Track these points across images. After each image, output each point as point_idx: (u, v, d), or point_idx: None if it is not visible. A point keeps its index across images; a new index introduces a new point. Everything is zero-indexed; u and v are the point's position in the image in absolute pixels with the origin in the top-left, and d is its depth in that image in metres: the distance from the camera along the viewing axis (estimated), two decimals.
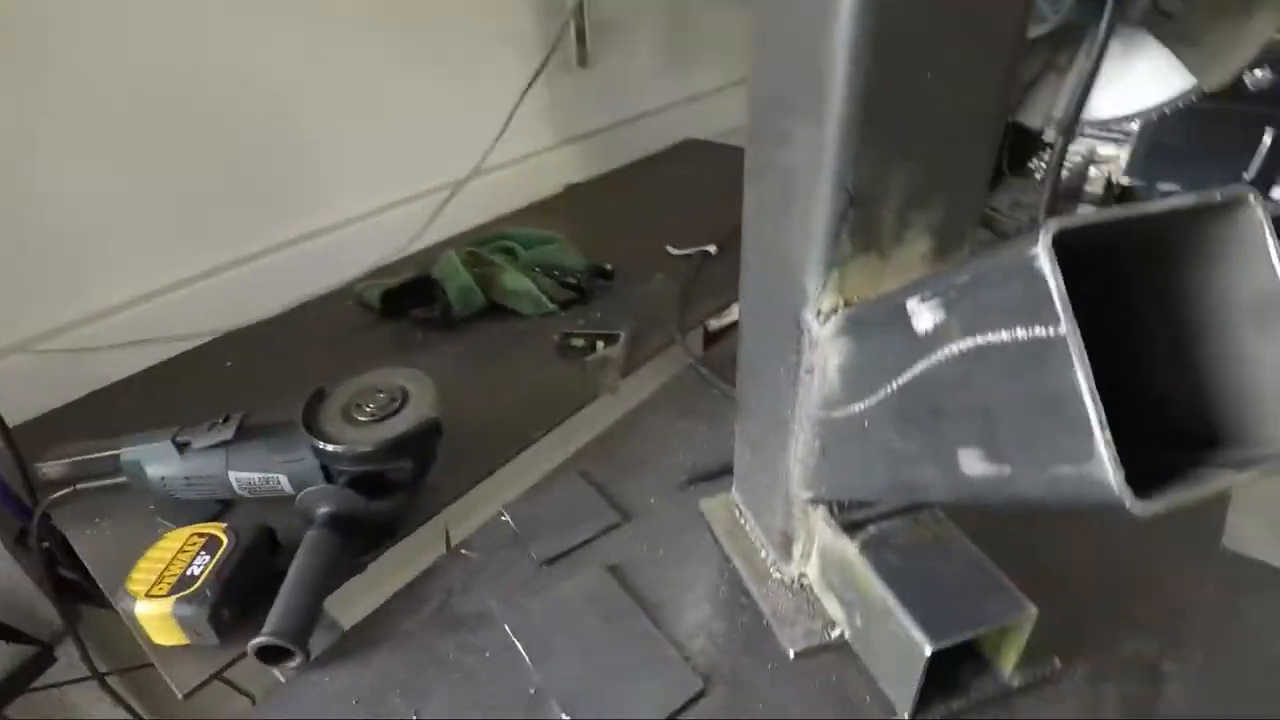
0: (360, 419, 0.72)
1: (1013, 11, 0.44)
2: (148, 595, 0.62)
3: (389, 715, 0.58)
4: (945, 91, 0.44)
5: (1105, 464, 0.30)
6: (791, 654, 0.60)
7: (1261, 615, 1.59)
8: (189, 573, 0.64)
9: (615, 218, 1.49)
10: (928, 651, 0.49)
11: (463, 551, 0.72)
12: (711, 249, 1.27)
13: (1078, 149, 1.47)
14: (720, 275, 1.22)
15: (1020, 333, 0.33)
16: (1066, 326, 0.31)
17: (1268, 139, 2.13)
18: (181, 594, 0.62)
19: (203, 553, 0.66)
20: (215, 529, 0.68)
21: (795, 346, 0.52)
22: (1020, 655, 0.55)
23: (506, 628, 0.64)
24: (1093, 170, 1.46)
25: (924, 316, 0.38)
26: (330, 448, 0.69)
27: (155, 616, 0.62)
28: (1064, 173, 1.42)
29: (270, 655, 0.61)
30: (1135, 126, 1.47)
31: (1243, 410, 0.34)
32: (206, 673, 0.63)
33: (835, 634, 0.60)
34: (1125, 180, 1.46)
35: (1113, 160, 1.47)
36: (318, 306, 1.19)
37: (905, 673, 0.52)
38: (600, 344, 1.01)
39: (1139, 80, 1.31)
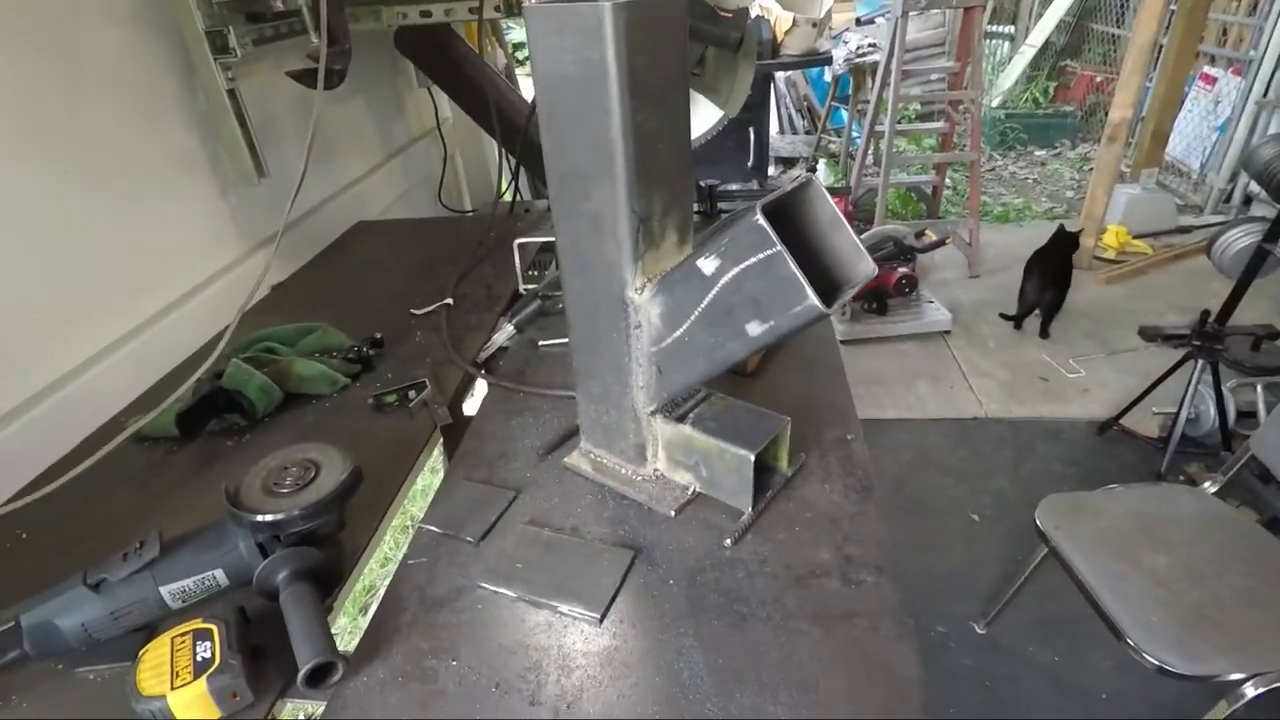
0: (284, 491, 0.84)
1: (684, 110, 0.82)
2: (175, 689, 0.69)
3: (434, 673, 0.76)
4: (668, 153, 0.81)
5: (812, 299, 0.68)
6: (672, 513, 0.92)
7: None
8: (199, 659, 0.72)
9: (342, 300, 1.63)
10: (751, 458, 0.85)
11: (409, 562, 0.89)
12: (449, 301, 1.52)
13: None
14: (465, 319, 1.47)
15: (760, 255, 0.70)
16: (779, 246, 0.68)
17: (752, 136, 3.41)
18: (209, 673, 0.71)
19: (199, 642, 0.74)
20: (191, 626, 0.76)
21: (624, 314, 0.84)
22: (788, 455, 0.95)
23: (482, 584, 0.85)
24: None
25: (709, 265, 0.74)
26: (275, 517, 0.81)
27: (190, 700, 0.70)
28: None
29: (315, 679, 0.73)
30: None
31: (843, 266, 0.76)
32: None
33: (690, 492, 0.94)
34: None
35: None
36: (88, 454, 1.14)
37: (741, 482, 0.88)
38: (412, 393, 1.20)
39: (700, 117, 1.94)
